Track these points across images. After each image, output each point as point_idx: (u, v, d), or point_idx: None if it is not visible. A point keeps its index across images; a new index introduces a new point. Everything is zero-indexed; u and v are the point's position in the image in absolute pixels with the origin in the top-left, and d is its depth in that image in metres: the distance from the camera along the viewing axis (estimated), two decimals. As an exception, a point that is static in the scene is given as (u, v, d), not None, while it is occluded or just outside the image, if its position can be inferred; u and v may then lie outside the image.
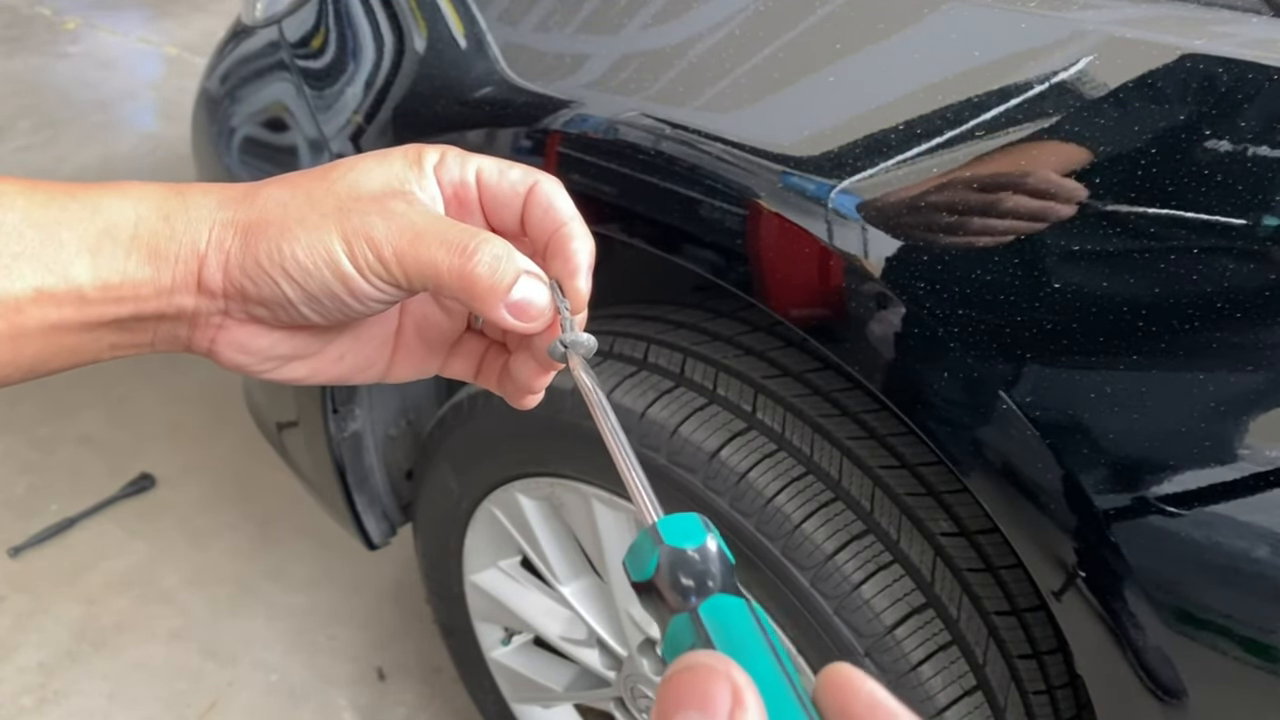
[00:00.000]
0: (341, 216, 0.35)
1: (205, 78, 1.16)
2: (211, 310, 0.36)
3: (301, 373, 0.40)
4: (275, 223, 0.35)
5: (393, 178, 0.37)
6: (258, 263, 0.35)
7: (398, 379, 0.44)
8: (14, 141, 2.87)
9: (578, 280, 0.38)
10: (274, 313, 0.36)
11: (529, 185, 0.38)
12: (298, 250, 0.34)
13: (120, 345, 0.36)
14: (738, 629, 0.25)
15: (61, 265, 0.33)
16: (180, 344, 0.37)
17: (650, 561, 0.28)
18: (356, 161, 0.37)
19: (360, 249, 0.34)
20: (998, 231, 0.53)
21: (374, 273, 0.35)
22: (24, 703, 1.41)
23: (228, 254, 0.35)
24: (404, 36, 0.86)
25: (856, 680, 0.23)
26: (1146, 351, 0.49)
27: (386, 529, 1.18)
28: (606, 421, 0.34)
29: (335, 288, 0.35)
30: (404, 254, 0.34)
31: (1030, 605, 0.72)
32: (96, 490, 1.74)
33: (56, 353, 0.35)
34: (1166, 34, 0.50)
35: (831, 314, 0.61)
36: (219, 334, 0.37)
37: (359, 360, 0.41)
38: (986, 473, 0.57)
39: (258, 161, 1.04)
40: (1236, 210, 0.47)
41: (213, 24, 3.82)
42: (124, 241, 0.34)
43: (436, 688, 1.44)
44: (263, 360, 0.38)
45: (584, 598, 1.01)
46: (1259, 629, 0.49)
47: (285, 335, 0.38)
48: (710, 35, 0.66)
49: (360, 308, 0.36)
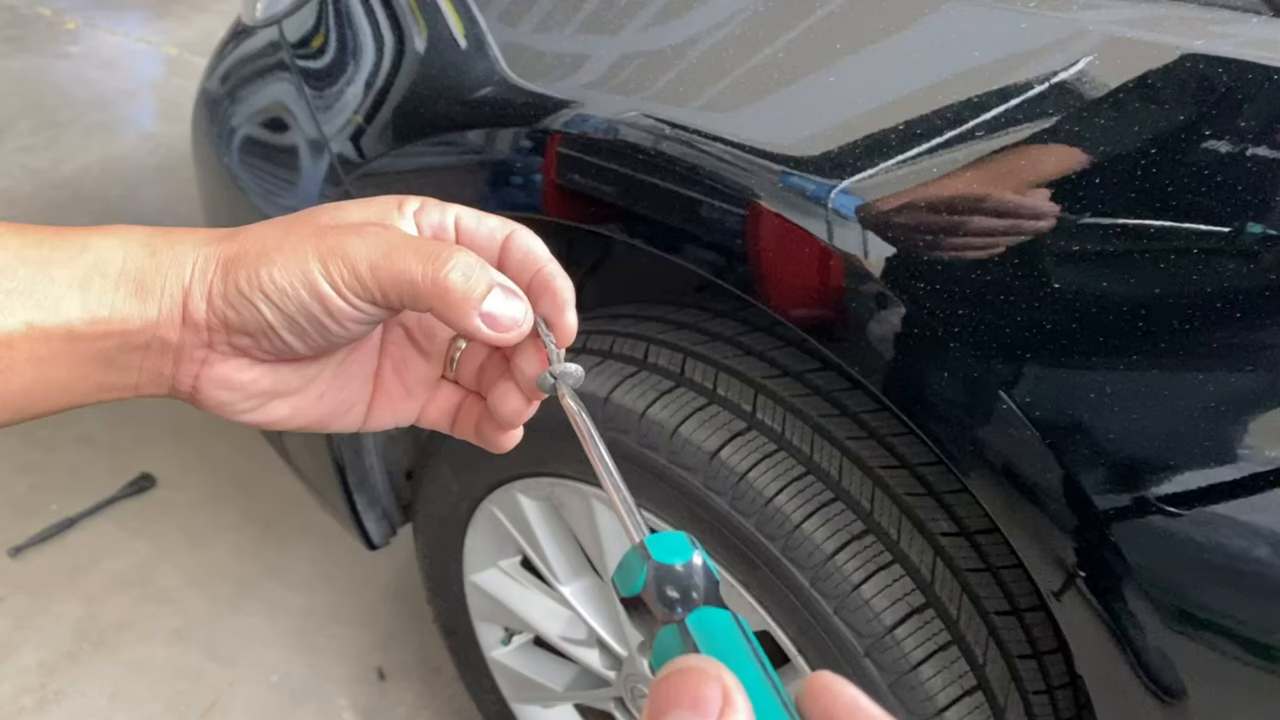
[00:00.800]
0: (318, 240, 0.36)
1: (205, 78, 1.16)
2: (196, 344, 0.37)
3: (283, 413, 0.41)
4: (254, 252, 0.36)
5: (372, 215, 0.38)
6: (238, 289, 0.36)
7: (376, 425, 0.44)
8: (14, 141, 2.87)
9: (566, 314, 0.39)
10: (257, 341, 0.37)
11: (507, 233, 0.40)
12: (275, 272, 0.35)
13: (106, 386, 0.37)
14: (724, 638, 0.27)
15: (52, 301, 0.34)
16: (165, 384, 0.38)
17: (639, 577, 0.29)
18: (340, 203, 0.39)
19: (336, 266, 0.35)
20: (998, 232, 0.53)
21: (350, 289, 0.35)
22: (24, 702, 1.41)
23: (210, 285, 0.36)
24: (404, 37, 0.86)
25: (838, 686, 0.24)
26: (1146, 352, 0.49)
27: (386, 529, 1.18)
28: (595, 450, 0.37)
29: (313, 307, 0.36)
30: (378, 266, 0.35)
31: (1030, 605, 0.72)
32: (97, 490, 1.74)
33: (44, 390, 0.35)
34: (1166, 34, 0.50)
35: (831, 314, 0.61)
36: (203, 370, 0.38)
37: (339, 401, 0.42)
38: (986, 473, 0.57)
39: (258, 161, 1.04)
40: (1237, 210, 0.47)
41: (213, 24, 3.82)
42: (112, 276, 0.35)
43: (437, 687, 1.44)
44: (245, 398, 0.39)
45: (584, 598, 1.01)
46: (1259, 629, 0.49)
47: (268, 370, 0.39)
48: (710, 35, 0.66)
49: (339, 329, 0.37)
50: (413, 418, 0.44)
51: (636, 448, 0.78)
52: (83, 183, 2.65)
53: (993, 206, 0.53)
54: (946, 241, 0.54)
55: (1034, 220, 0.52)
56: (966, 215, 0.54)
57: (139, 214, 2.46)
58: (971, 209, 0.53)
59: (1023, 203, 0.52)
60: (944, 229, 0.54)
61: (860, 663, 0.70)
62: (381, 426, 0.44)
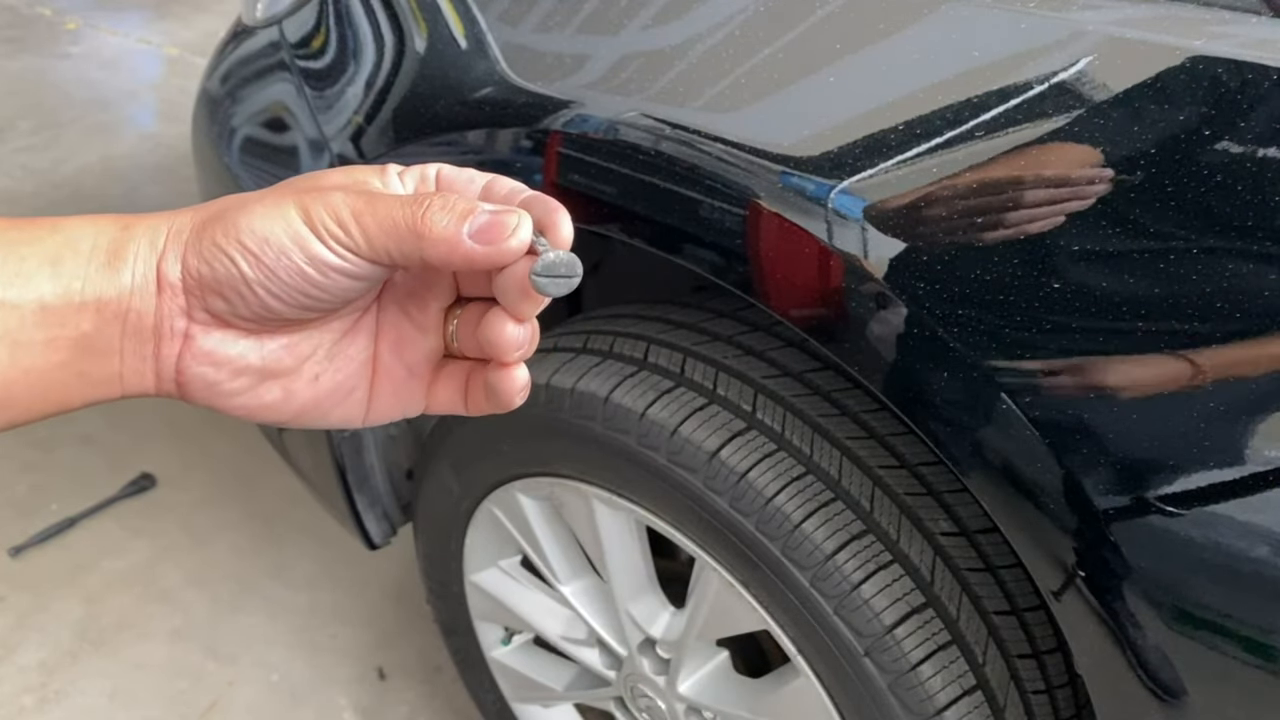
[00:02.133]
0: (299, 194, 0.35)
1: (206, 78, 1.16)
2: (174, 312, 0.36)
3: (275, 395, 0.39)
4: (232, 208, 0.36)
5: (352, 178, 0.38)
6: (214, 242, 0.35)
7: (382, 414, 0.42)
8: (14, 142, 2.87)
9: (559, 215, 0.36)
10: (233, 304, 0.36)
11: (489, 178, 0.39)
12: (254, 221, 0.34)
13: (88, 377, 0.36)
14: None
15: (23, 277, 0.33)
16: (149, 369, 0.37)
17: None
18: (321, 170, 0.38)
19: (317, 213, 0.34)
20: (997, 231, 0.53)
21: (332, 236, 0.34)
22: (24, 702, 1.42)
23: (185, 245, 0.36)
24: (404, 37, 0.86)
25: None
26: (1146, 351, 0.49)
27: (387, 529, 1.18)
28: None
29: (294, 255, 0.34)
30: (361, 213, 0.34)
31: (1030, 605, 0.72)
32: (97, 490, 1.74)
33: (24, 380, 0.34)
34: (1166, 34, 0.50)
35: (831, 314, 0.61)
36: (185, 347, 0.36)
37: (337, 384, 0.40)
38: (986, 473, 0.57)
39: (258, 161, 1.04)
40: (1237, 210, 0.47)
41: (214, 24, 3.82)
42: (84, 251, 0.35)
43: (437, 687, 1.44)
44: (233, 375, 0.37)
45: (584, 597, 1.01)
46: (1259, 629, 0.49)
47: (255, 344, 0.37)
48: (710, 35, 0.66)
49: (323, 281, 0.35)
50: (420, 404, 0.42)
51: (636, 447, 0.78)
52: (83, 183, 2.65)
53: (992, 206, 0.53)
54: (946, 241, 0.54)
55: (1034, 220, 0.52)
56: (966, 215, 0.54)
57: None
58: (971, 209, 0.53)
59: (1023, 202, 0.52)
60: (944, 229, 0.54)
61: (860, 662, 0.70)
62: (388, 416, 0.42)
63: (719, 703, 0.90)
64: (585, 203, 0.73)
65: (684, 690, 0.91)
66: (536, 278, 0.35)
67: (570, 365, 0.83)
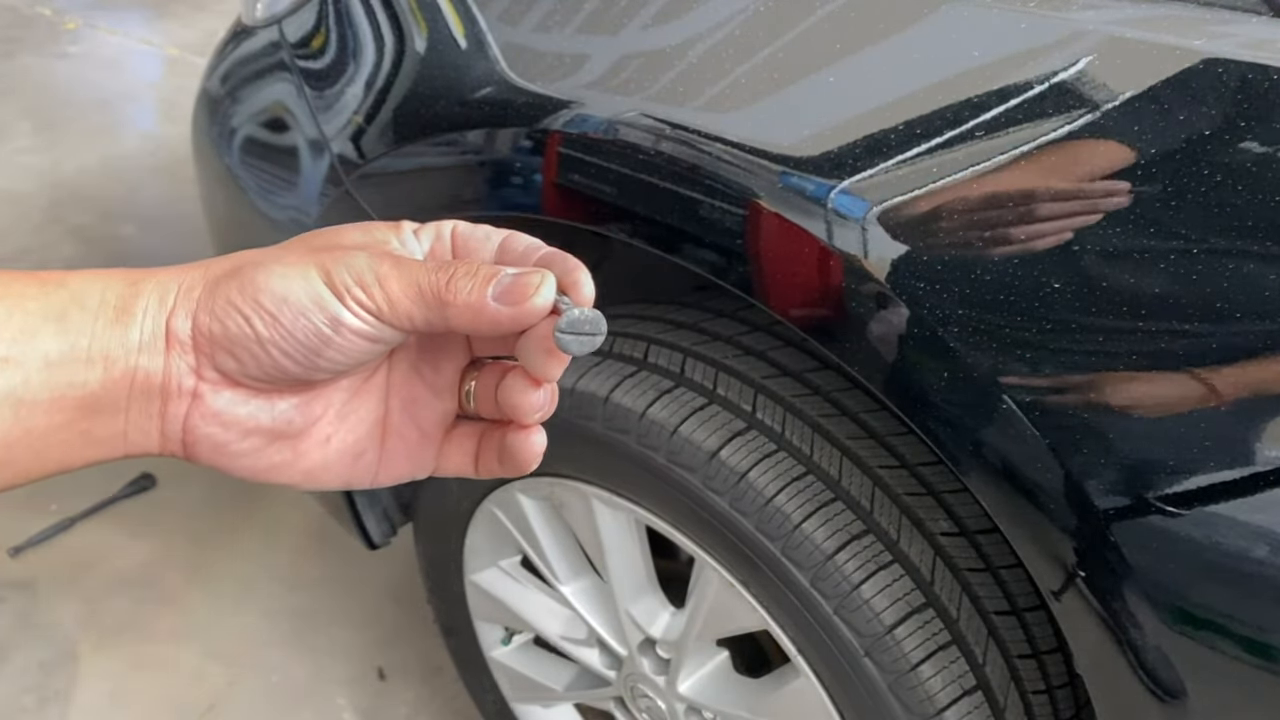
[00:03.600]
0: (317, 253, 0.35)
1: (206, 78, 1.16)
2: (182, 371, 0.35)
3: (285, 456, 0.38)
4: (247, 265, 0.35)
5: (370, 237, 0.37)
6: (228, 300, 0.34)
7: (391, 475, 0.41)
8: (14, 142, 2.87)
9: (580, 273, 0.36)
10: (243, 363, 0.35)
11: (504, 234, 0.38)
12: (272, 280, 0.34)
13: (92, 436, 0.35)
14: None
15: (27, 333, 0.32)
16: (154, 428, 0.36)
17: None
18: (336, 227, 0.37)
19: (340, 275, 0.34)
20: (997, 231, 0.53)
21: (354, 299, 0.34)
22: (24, 702, 1.41)
23: (196, 301, 0.34)
24: (404, 37, 0.86)
25: None
26: (1146, 351, 0.49)
27: (387, 529, 1.18)
28: None
29: (313, 316, 0.34)
30: (385, 276, 0.34)
31: (1030, 605, 0.72)
32: (97, 490, 1.74)
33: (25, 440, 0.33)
34: (1166, 34, 0.50)
35: (831, 314, 0.61)
36: (193, 406, 0.35)
37: (347, 446, 0.39)
38: (986, 473, 0.57)
39: (258, 161, 1.04)
40: (1237, 210, 0.47)
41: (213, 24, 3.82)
42: (92, 307, 0.34)
43: (437, 688, 1.44)
44: (242, 435, 0.36)
45: (584, 597, 1.01)
46: (1259, 629, 0.49)
47: (265, 404, 0.36)
48: (710, 35, 0.66)
49: (339, 343, 0.34)
50: (430, 466, 0.41)
51: (636, 448, 0.78)
52: (83, 183, 2.65)
53: (992, 206, 0.53)
54: (946, 241, 0.54)
55: (1034, 220, 0.52)
56: (966, 215, 0.54)
57: (139, 214, 2.46)
58: (971, 209, 0.53)
59: (1023, 202, 0.52)
60: (943, 229, 0.54)
61: (860, 662, 0.70)
62: (397, 478, 0.41)
63: (719, 703, 0.90)
64: (585, 202, 0.73)
65: (684, 690, 0.91)
66: (561, 335, 0.34)
67: (570, 365, 0.83)
